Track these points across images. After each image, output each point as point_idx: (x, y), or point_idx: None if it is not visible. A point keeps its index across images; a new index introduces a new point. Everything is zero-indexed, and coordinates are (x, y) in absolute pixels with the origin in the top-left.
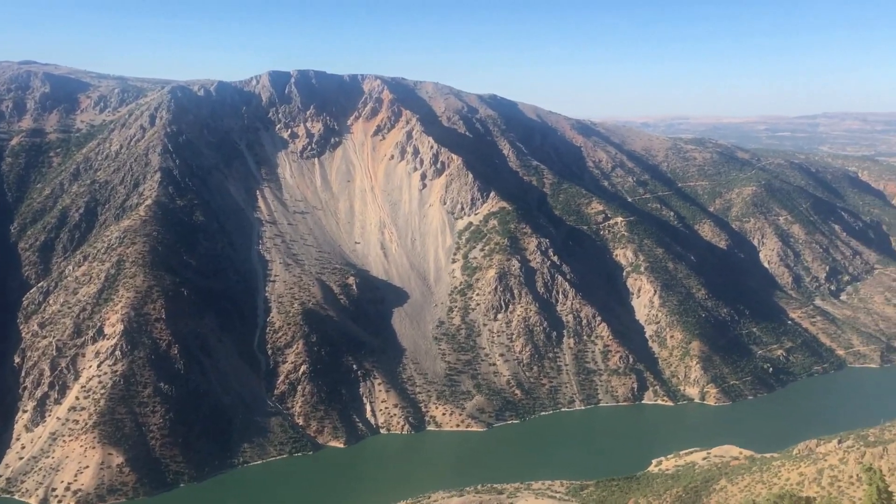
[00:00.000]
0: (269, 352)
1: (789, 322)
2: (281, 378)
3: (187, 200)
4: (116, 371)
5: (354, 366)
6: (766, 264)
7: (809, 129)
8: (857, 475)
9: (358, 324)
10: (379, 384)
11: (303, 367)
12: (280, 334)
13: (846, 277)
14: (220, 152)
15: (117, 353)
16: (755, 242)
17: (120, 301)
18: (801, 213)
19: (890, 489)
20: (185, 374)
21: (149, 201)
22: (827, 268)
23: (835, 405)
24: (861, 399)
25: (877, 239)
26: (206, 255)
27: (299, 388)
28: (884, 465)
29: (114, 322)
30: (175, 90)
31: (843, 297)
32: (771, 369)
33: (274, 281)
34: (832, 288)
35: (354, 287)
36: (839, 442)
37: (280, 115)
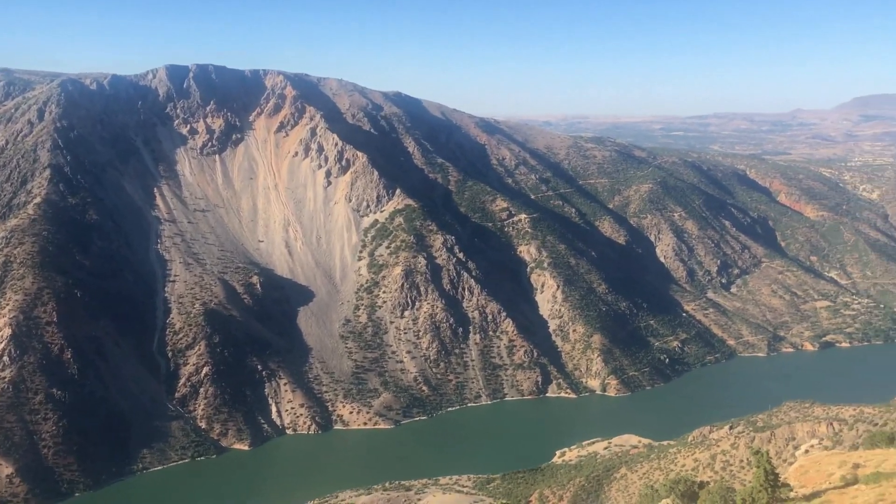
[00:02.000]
0: (170, 354)
1: (684, 314)
2: (182, 381)
3: (80, 198)
4: (4, 377)
5: (259, 366)
6: (662, 259)
7: (701, 128)
8: (747, 459)
9: (263, 324)
10: (285, 384)
11: (205, 369)
12: (181, 336)
13: (736, 271)
14: (115, 148)
15: (5, 358)
16: (652, 238)
17: (7, 304)
18: (694, 209)
19: (777, 471)
20: (79, 380)
21: (38, 199)
22: (718, 262)
23: (726, 393)
24: (750, 386)
25: (764, 234)
26: (101, 255)
27: (202, 390)
28: (771, 448)
29: (1, 326)
30: (65, 83)
31: (734, 289)
32: (667, 360)
33: (174, 281)
34: (723, 281)
35: (258, 286)
36: (730, 428)
37: (178, 111)
